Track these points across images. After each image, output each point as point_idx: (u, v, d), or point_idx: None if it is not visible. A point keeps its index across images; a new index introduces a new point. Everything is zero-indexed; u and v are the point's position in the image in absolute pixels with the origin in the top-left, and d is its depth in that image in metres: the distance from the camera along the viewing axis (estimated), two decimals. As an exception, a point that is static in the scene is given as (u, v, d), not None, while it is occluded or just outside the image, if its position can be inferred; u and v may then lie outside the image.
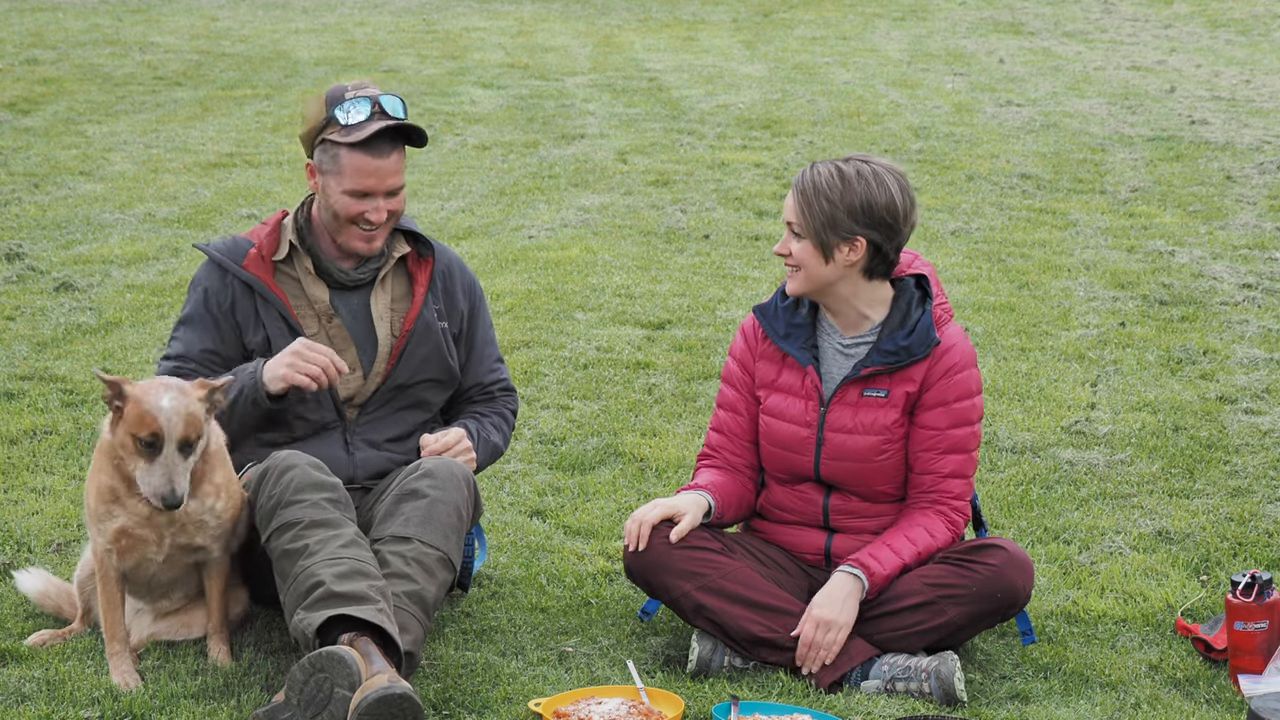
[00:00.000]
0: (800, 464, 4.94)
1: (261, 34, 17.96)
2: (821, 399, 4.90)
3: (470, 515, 4.87)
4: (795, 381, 4.94)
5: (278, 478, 4.68)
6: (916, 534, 4.84)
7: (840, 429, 4.88)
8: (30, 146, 12.24)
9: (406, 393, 5.07)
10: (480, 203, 10.71)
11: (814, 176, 4.80)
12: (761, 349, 5.00)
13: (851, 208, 4.76)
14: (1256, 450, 6.61)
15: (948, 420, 4.86)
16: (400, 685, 4.22)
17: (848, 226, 4.77)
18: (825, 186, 4.77)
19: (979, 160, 12.01)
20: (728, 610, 4.79)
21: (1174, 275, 9.09)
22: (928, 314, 4.87)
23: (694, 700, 4.63)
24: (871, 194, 4.77)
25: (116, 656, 4.68)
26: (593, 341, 7.90)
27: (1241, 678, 4.76)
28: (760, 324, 4.99)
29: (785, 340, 4.94)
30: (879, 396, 4.87)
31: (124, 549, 4.68)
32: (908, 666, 4.71)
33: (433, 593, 4.65)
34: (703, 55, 16.87)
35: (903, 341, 4.84)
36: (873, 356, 4.86)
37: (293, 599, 4.50)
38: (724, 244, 9.72)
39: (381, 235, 4.99)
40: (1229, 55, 17.06)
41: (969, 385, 4.89)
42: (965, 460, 4.89)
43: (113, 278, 8.85)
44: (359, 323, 5.04)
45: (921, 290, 4.92)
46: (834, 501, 4.96)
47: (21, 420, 6.74)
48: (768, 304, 5.01)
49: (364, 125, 4.89)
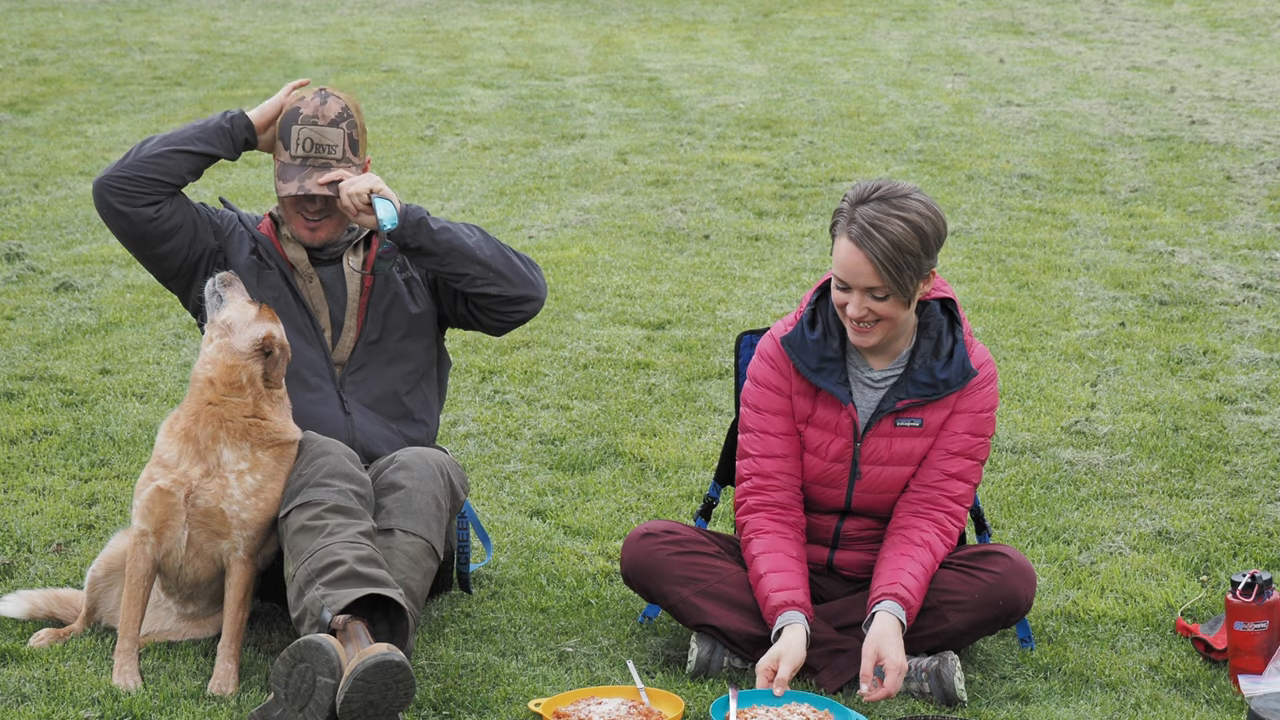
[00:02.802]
0: (831, 496, 4.88)
1: (261, 34, 17.96)
2: (856, 433, 4.80)
3: (449, 504, 4.90)
4: (830, 417, 4.81)
5: (310, 459, 4.76)
6: (922, 557, 4.74)
7: (876, 461, 4.82)
8: (30, 146, 12.24)
9: (382, 347, 5.14)
10: (480, 203, 10.71)
11: (886, 234, 4.56)
12: (796, 384, 4.84)
13: (929, 249, 4.63)
14: (1256, 450, 6.61)
15: (965, 425, 4.81)
16: (397, 654, 4.28)
17: (927, 265, 4.66)
18: (904, 240, 4.57)
19: (979, 160, 12.01)
20: (726, 614, 4.79)
21: (1174, 275, 9.09)
22: (960, 343, 4.78)
23: (694, 700, 4.63)
24: (935, 224, 4.64)
25: (124, 655, 4.69)
26: (593, 341, 7.90)
27: (1241, 678, 4.77)
28: (791, 356, 4.82)
29: (818, 374, 4.79)
30: (914, 426, 4.80)
31: (159, 521, 4.69)
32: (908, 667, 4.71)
33: (418, 581, 4.71)
34: (703, 55, 16.86)
35: (941, 375, 4.75)
36: (908, 388, 4.76)
37: (306, 574, 4.53)
38: (724, 244, 9.72)
39: (326, 228, 5.09)
40: (1229, 55, 17.05)
41: (991, 400, 4.84)
42: (973, 467, 4.85)
43: (113, 278, 8.85)
44: (338, 285, 5.15)
45: (949, 315, 4.82)
46: (847, 526, 4.93)
47: (21, 420, 6.74)
48: (794, 335, 4.81)
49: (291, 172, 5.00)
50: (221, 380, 4.75)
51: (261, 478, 4.73)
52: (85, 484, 6.13)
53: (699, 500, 5.95)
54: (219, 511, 4.70)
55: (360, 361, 5.13)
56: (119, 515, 5.83)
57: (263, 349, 4.76)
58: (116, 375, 7.32)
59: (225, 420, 4.74)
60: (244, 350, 4.76)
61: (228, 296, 4.87)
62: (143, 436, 6.57)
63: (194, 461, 4.72)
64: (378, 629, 4.53)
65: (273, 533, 4.78)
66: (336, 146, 5.00)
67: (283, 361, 4.82)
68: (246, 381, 4.74)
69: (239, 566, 4.74)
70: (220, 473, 4.71)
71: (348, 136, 5.02)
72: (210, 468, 4.72)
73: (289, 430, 4.81)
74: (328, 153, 5.00)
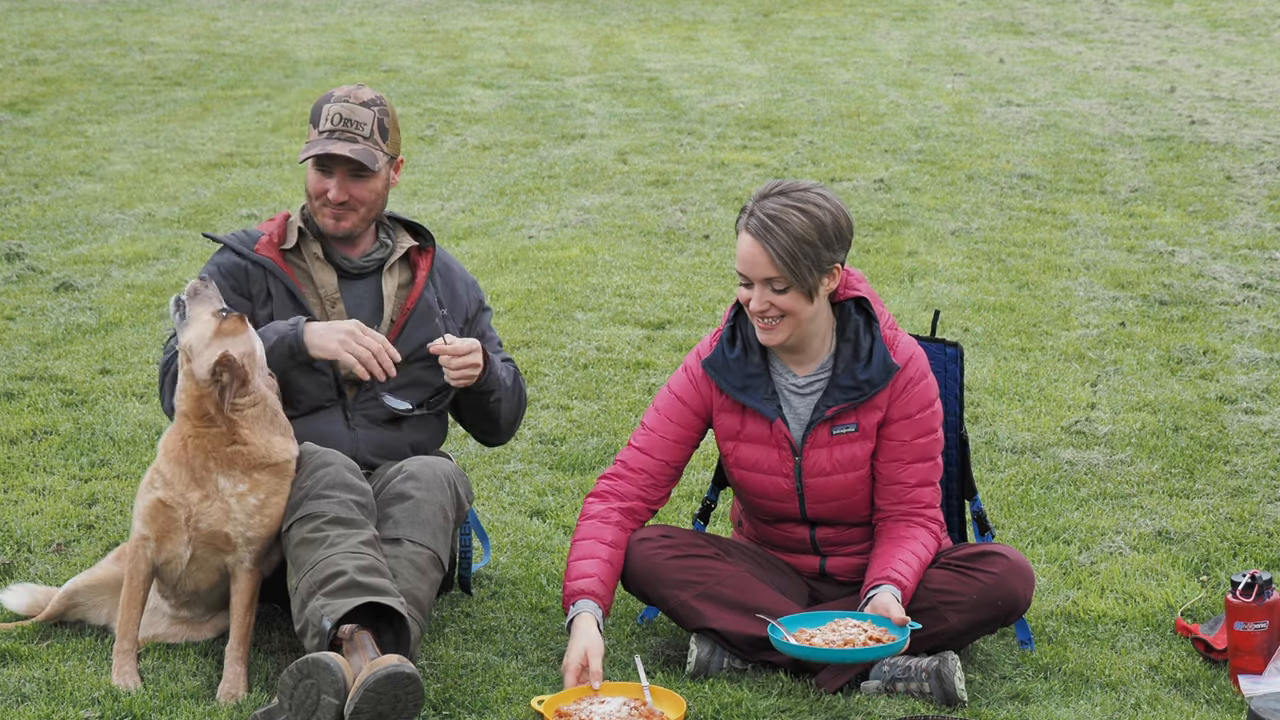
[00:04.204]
0: (785, 509, 4.90)
1: (261, 34, 17.96)
2: (794, 448, 4.81)
3: (455, 515, 4.89)
4: (762, 431, 4.82)
5: (311, 471, 4.73)
6: (915, 548, 4.78)
7: (819, 473, 4.82)
8: (30, 146, 12.24)
9: (404, 373, 5.08)
10: (480, 203, 10.71)
11: (780, 225, 4.60)
12: (719, 402, 4.85)
13: (828, 239, 4.63)
14: (1256, 450, 6.61)
15: (911, 432, 4.82)
16: (408, 666, 4.29)
17: (828, 258, 4.66)
18: (799, 229, 4.60)
19: (979, 160, 12.01)
20: (725, 616, 4.78)
21: (1174, 275, 9.09)
22: (878, 340, 4.76)
23: (694, 700, 4.63)
24: (835, 216, 4.65)
25: (123, 655, 4.68)
26: (593, 341, 7.90)
27: (1241, 678, 4.77)
28: (713, 379, 4.82)
29: (743, 393, 4.79)
30: (850, 432, 4.79)
31: (160, 531, 4.67)
32: (908, 667, 4.71)
33: (425, 591, 4.70)
34: (703, 55, 16.86)
35: (862, 375, 4.75)
36: (834, 395, 4.77)
37: (308, 585, 4.52)
38: (724, 244, 9.72)
39: (350, 219, 5.03)
40: (1229, 55, 17.05)
41: (928, 394, 4.83)
42: (931, 467, 4.86)
43: (113, 278, 8.85)
44: (364, 307, 5.08)
45: (865, 314, 4.80)
46: (820, 534, 4.94)
47: (21, 420, 6.74)
48: (715, 356, 4.82)
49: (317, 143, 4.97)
50: (192, 413, 4.65)
51: (264, 495, 4.68)
52: (85, 484, 6.13)
53: (698, 500, 5.95)
54: (224, 534, 4.67)
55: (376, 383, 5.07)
56: (119, 515, 5.83)
57: (214, 377, 4.62)
58: (116, 375, 7.32)
59: (209, 451, 4.65)
60: (204, 378, 4.63)
61: (191, 314, 4.72)
62: (143, 436, 6.57)
63: (190, 485, 4.66)
64: (383, 639, 4.52)
65: (279, 542, 4.77)
66: (366, 124, 4.96)
67: (236, 384, 4.64)
68: (215, 410, 4.63)
69: (246, 575, 4.72)
70: (220, 497, 4.66)
71: (378, 119, 4.98)
72: (209, 492, 4.67)
73: (273, 452, 4.69)
74: (356, 129, 4.95)
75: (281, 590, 4.82)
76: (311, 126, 5.02)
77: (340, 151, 4.92)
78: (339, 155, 4.94)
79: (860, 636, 4.57)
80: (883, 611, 4.62)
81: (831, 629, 4.63)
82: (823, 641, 4.58)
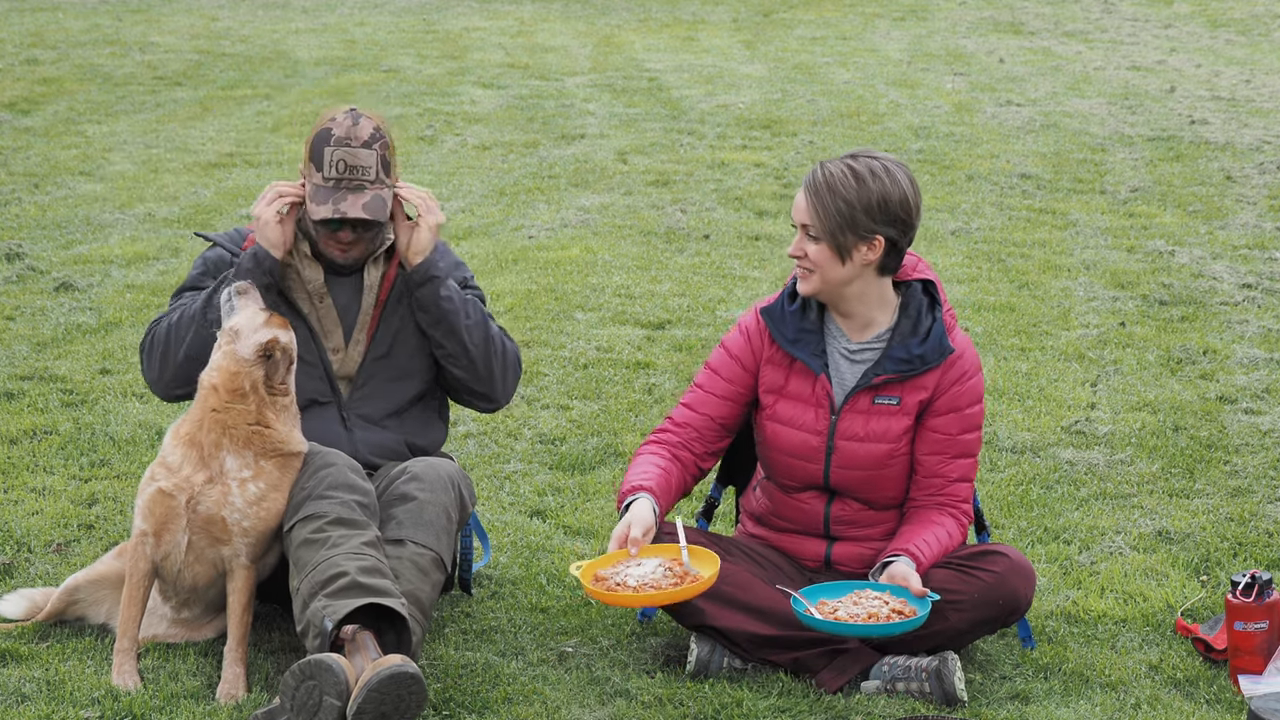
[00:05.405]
0: (809, 471, 4.88)
1: (261, 34, 17.95)
2: (833, 407, 4.83)
3: (458, 517, 4.90)
4: (805, 389, 4.85)
5: (314, 471, 4.74)
6: (939, 533, 4.80)
7: (852, 437, 4.83)
8: (30, 146, 12.24)
9: (391, 362, 5.08)
10: (480, 203, 10.71)
11: (826, 176, 4.70)
12: (768, 353, 4.89)
13: (869, 206, 4.67)
14: (1256, 450, 6.61)
15: (959, 426, 4.83)
16: (411, 666, 4.31)
17: (866, 225, 4.69)
18: (840, 186, 4.68)
19: (979, 160, 12.01)
20: (726, 615, 4.78)
21: (1174, 275, 9.09)
22: (939, 321, 4.80)
23: (694, 700, 4.63)
24: (886, 190, 4.68)
25: (123, 654, 4.69)
26: (593, 341, 7.90)
27: (1241, 678, 4.77)
28: (768, 327, 4.88)
29: (794, 345, 4.83)
30: (891, 404, 4.81)
31: (159, 523, 4.69)
32: (908, 667, 4.71)
33: (427, 593, 4.70)
34: (703, 55, 16.86)
35: (916, 350, 4.78)
36: (885, 364, 4.79)
37: (310, 586, 4.53)
38: (724, 244, 9.72)
39: (357, 250, 5.04)
40: (1229, 55, 17.05)
41: (978, 391, 4.86)
42: (971, 464, 4.88)
43: (113, 278, 8.85)
44: (352, 301, 5.09)
45: (930, 297, 4.85)
46: (835, 510, 4.92)
47: (21, 420, 6.74)
48: (774, 306, 4.88)
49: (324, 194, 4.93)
50: (225, 386, 4.73)
51: (264, 486, 4.72)
52: (85, 484, 6.13)
53: (700, 500, 5.95)
54: (220, 519, 4.69)
55: (367, 376, 5.08)
56: (119, 515, 5.83)
57: (264, 353, 4.74)
58: (116, 375, 7.32)
59: (229, 427, 4.72)
60: (247, 356, 4.74)
61: (239, 305, 4.85)
62: (143, 436, 6.57)
63: (197, 467, 4.71)
64: (385, 640, 4.53)
65: (275, 541, 4.77)
66: (370, 168, 4.93)
67: (284, 366, 4.78)
68: (250, 388, 4.73)
69: (242, 572, 4.74)
70: (223, 480, 4.70)
71: (380, 158, 4.95)
72: (213, 474, 4.71)
73: (293, 441, 4.78)
74: (361, 174, 4.92)
75: (282, 591, 4.83)
76: (313, 168, 4.96)
77: (353, 214, 4.92)
78: (350, 219, 4.96)
79: (884, 609, 4.57)
80: (901, 581, 4.62)
81: (854, 600, 4.63)
82: (846, 615, 4.57)
